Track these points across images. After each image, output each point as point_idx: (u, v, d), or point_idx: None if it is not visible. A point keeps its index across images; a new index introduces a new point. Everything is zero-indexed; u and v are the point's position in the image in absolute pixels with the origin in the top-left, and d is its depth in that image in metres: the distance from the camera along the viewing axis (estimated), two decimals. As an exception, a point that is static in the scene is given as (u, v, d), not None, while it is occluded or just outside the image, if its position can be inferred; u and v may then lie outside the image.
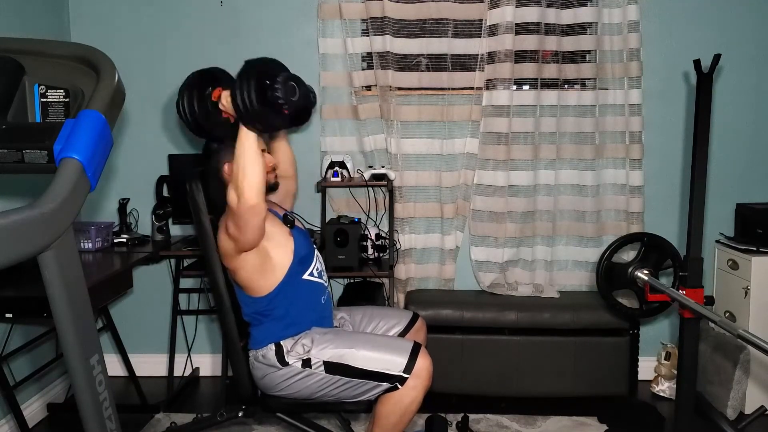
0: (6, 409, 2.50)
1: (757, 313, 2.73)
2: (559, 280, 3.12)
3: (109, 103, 1.08)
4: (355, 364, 1.89)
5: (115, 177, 3.17)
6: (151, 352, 3.22)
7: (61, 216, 0.96)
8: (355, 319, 2.23)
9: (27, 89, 1.16)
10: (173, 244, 2.96)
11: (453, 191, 3.07)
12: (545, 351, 2.83)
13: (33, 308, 2.14)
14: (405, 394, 1.87)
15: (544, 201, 3.05)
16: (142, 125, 3.13)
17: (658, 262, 2.20)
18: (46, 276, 1.00)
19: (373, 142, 3.04)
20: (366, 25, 2.98)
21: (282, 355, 1.95)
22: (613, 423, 2.70)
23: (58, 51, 1.18)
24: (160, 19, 3.09)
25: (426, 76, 3.01)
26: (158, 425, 2.72)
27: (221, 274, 2.06)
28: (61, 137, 1.03)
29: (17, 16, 2.70)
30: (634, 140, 2.97)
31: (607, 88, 2.99)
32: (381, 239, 3.02)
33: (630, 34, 2.90)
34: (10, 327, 2.55)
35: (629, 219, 3.01)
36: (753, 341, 1.61)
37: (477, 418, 2.73)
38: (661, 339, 3.10)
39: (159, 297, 3.19)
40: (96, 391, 1.10)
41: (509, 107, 2.96)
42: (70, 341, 1.05)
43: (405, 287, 3.10)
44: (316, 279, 2.08)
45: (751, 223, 2.90)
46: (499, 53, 2.94)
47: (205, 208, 2.04)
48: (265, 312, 1.99)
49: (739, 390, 2.69)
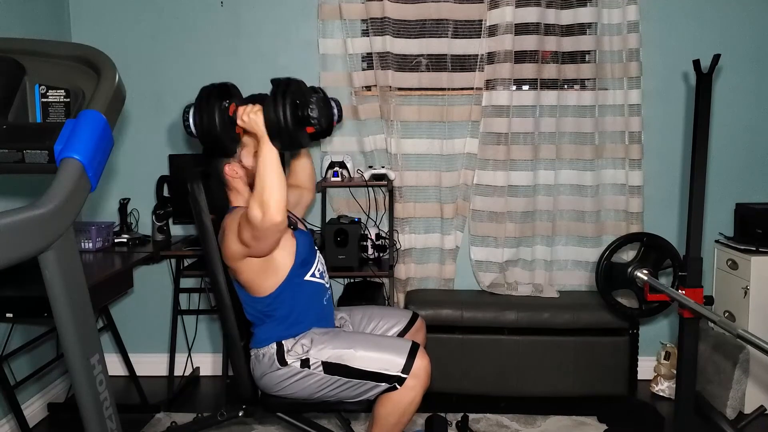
0: (6, 408, 2.50)
1: (756, 312, 2.73)
2: (559, 280, 3.12)
3: (110, 103, 1.08)
4: (354, 365, 1.89)
5: (115, 177, 3.17)
6: (152, 352, 3.22)
7: (61, 216, 0.96)
8: (355, 319, 2.23)
9: (27, 89, 1.16)
10: (174, 244, 2.96)
11: (453, 191, 3.07)
12: (545, 351, 2.84)
13: (33, 308, 2.15)
14: (404, 394, 1.87)
15: (544, 201, 3.06)
16: (143, 125, 3.13)
17: (658, 262, 2.20)
18: (46, 276, 1.00)
19: (373, 142, 3.04)
20: (366, 25, 2.99)
21: (282, 354, 1.95)
22: (612, 422, 2.70)
23: (59, 51, 1.18)
24: (161, 19, 3.09)
25: (426, 77, 3.01)
26: (158, 425, 2.72)
27: (222, 274, 2.06)
28: (61, 137, 1.03)
29: (17, 16, 2.70)
30: (634, 140, 2.97)
31: (607, 88, 2.99)
32: (381, 239, 3.03)
33: (629, 35, 2.90)
34: (10, 327, 2.55)
35: (629, 219, 3.02)
36: (752, 341, 1.62)
37: (477, 417, 2.73)
38: (661, 339, 3.10)
39: (159, 297, 3.19)
40: (96, 390, 1.10)
41: (509, 107, 2.96)
42: (70, 341, 1.05)
43: (405, 287, 3.10)
44: (318, 280, 2.08)
45: (750, 223, 2.90)
46: (498, 53, 2.94)
47: (206, 208, 2.04)
48: (267, 312, 1.99)
49: (738, 390, 2.69)
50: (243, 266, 1.93)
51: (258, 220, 1.75)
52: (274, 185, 1.76)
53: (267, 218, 1.74)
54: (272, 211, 1.74)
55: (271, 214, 1.74)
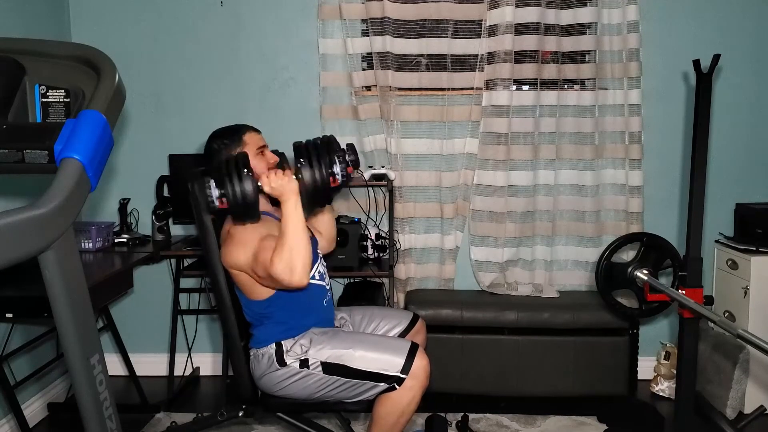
0: (6, 408, 2.50)
1: (756, 312, 2.73)
2: (559, 280, 3.12)
3: (110, 103, 1.08)
4: (353, 365, 1.89)
5: (115, 177, 3.17)
6: (152, 352, 3.22)
7: (61, 216, 0.96)
8: (356, 320, 2.23)
9: (27, 89, 1.16)
10: (174, 244, 2.96)
11: (453, 191, 3.07)
12: (545, 351, 2.84)
13: (33, 308, 2.15)
14: (403, 394, 1.87)
15: (544, 201, 3.06)
16: (142, 125, 3.13)
17: (658, 262, 2.20)
18: (46, 276, 1.00)
19: (373, 142, 3.04)
20: (366, 25, 2.99)
21: (281, 355, 1.95)
22: (612, 422, 2.70)
23: (59, 51, 1.18)
24: (161, 19, 3.09)
25: (426, 77, 3.01)
26: (158, 425, 2.72)
27: (222, 274, 2.06)
28: (61, 137, 1.03)
29: (17, 16, 2.70)
30: (634, 140, 2.97)
31: (607, 88, 2.99)
32: (381, 239, 3.03)
33: (629, 35, 2.90)
34: (10, 327, 2.55)
35: (629, 219, 3.02)
36: (752, 341, 1.62)
37: (477, 417, 2.73)
38: (661, 339, 3.10)
39: (159, 297, 3.19)
40: (96, 390, 1.10)
41: (509, 107, 2.96)
42: (70, 341, 1.05)
43: (405, 287, 3.10)
44: (318, 282, 2.08)
45: (750, 223, 2.90)
46: (498, 53, 2.94)
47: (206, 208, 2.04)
48: (266, 314, 1.99)
49: (738, 390, 2.69)
50: (241, 274, 1.94)
51: (284, 281, 1.78)
52: (302, 248, 1.79)
53: (294, 281, 1.78)
54: (299, 276, 1.78)
55: (299, 278, 1.78)
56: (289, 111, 3.09)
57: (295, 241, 1.78)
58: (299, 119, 3.09)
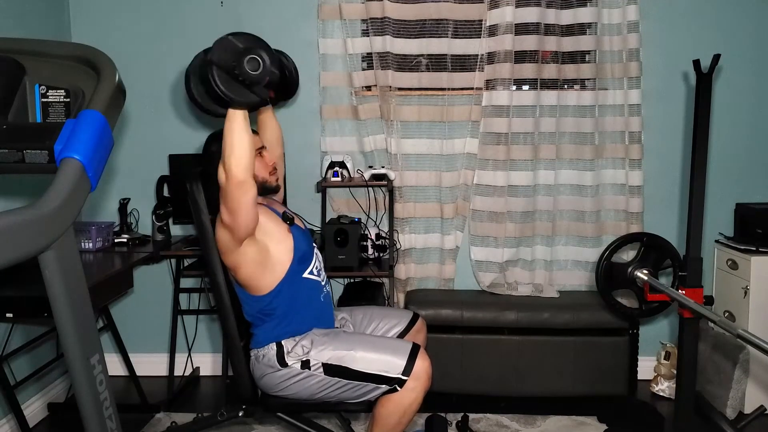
0: (6, 408, 2.50)
1: (756, 312, 2.73)
2: (559, 280, 3.12)
3: (110, 103, 1.09)
4: (354, 367, 1.89)
5: (115, 177, 3.17)
6: (152, 352, 3.22)
7: (61, 216, 0.97)
8: (356, 320, 2.23)
9: (27, 89, 1.16)
10: (173, 244, 2.96)
11: (453, 191, 3.07)
12: (545, 351, 2.84)
13: (33, 308, 2.15)
14: (404, 395, 1.88)
15: (544, 201, 3.06)
16: (142, 125, 3.13)
17: (658, 262, 2.20)
18: (46, 276, 1.00)
19: (373, 142, 3.04)
20: (366, 25, 2.99)
21: (282, 355, 1.95)
22: (612, 422, 2.70)
23: (59, 51, 1.18)
24: (160, 19, 3.09)
25: (426, 77, 3.01)
26: (158, 425, 2.72)
27: (222, 274, 2.06)
28: (61, 137, 1.03)
29: (17, 16, 2.70)
30: (634, 140, 2.97)
31: (607, 88, 2.99)
32: (381, 239, 3.03)
33: (629, 35, 2.90)
34: (10, 327, 2.55)
35: (629, 219, 3.02)
36: (752, 341, 1.61)
37: (477, 417, 2.73)
38: (661, 339, 3.10)
39: (159, 297, 3.19)
40: (96, 390, 1.10)
41: (509, 107, 2.96)
42: (70, 341, 1.05)
43: (405, 287, 3.10)
44: (315, 277, 2.08)
45: (750, 223, 2.90)
46: (498, 53, 2.94)
47: (205, 208, 2.04)
48: (267, 311, 2.00)
49: (738, 390, 2.69)
50: (240, 260, 1.93)
51: (223, 183, 1.80)
52: (236, 144, 1.78)
53: (230, 178, 1.78)
54: (234, 170, 1.77)
55: (234, 172, 1.77)
56: (289, 111, 3.09)
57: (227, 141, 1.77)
58: (299, 119, 3.09)
